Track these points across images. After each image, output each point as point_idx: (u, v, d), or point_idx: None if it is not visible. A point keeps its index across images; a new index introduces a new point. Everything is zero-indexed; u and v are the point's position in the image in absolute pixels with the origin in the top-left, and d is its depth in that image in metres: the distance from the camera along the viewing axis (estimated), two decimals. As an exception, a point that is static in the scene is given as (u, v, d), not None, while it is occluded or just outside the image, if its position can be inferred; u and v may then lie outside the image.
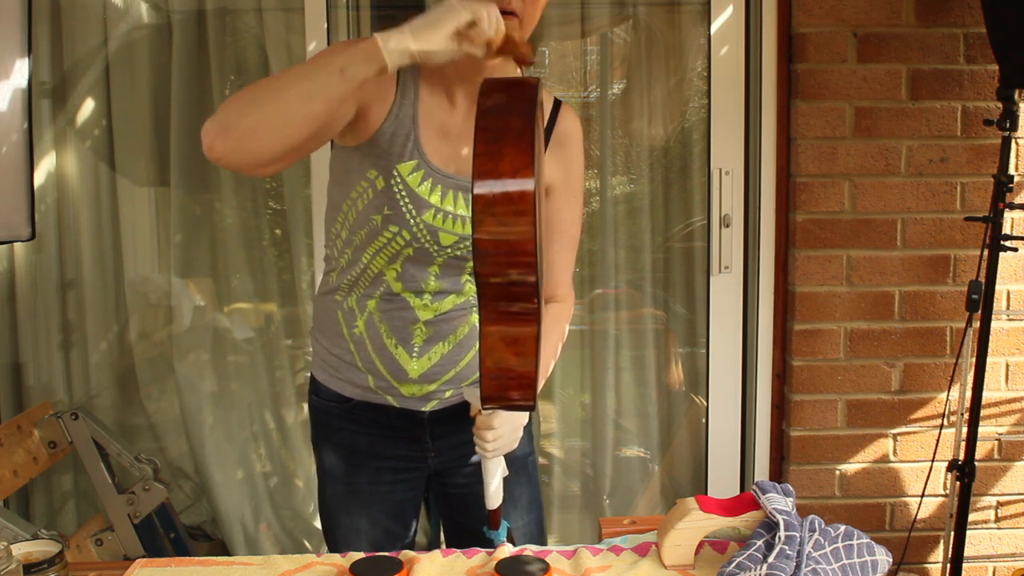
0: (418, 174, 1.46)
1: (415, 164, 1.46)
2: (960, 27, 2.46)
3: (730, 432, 2.71)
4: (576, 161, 1.60)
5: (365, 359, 1.57)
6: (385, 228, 1.47)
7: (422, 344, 1.55)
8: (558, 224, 1.60)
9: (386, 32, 1.26)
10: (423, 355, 1.56)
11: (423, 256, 1.50)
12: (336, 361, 1.60)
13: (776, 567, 1.23)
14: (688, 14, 2.77)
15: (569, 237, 1.62)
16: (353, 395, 1.60)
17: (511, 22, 1.33)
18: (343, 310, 1.58)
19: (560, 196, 1.58)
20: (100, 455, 2.53)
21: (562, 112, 1.58)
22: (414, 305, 1.53)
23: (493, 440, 1.40)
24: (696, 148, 2.80)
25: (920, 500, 2.59)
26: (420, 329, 1.54)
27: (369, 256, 1.52)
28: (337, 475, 1.65)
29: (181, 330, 2.90)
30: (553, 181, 1.57)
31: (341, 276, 1.57)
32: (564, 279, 1.64)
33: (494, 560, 1.33)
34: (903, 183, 2.51)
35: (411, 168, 1.45)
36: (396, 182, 1.45)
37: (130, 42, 2.80)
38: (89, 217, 2.84)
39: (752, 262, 2.65)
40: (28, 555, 1.22)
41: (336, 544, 1.68)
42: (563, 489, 2.98)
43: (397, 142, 1.45)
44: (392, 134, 1.45)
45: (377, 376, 1.57)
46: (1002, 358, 2.57)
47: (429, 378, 1.57)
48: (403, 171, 1.45)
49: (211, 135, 1.23)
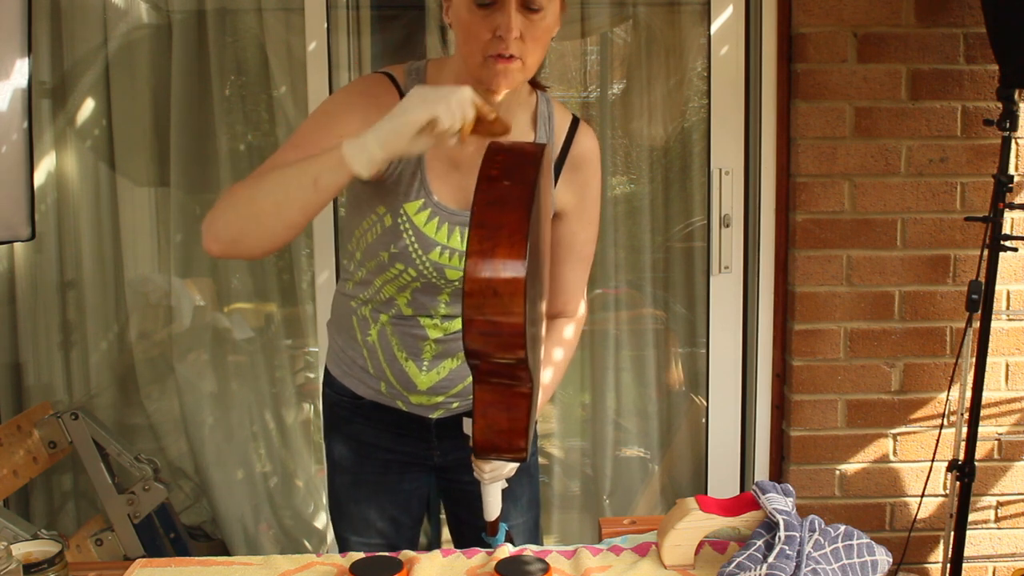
0: (424, 213, 1.45)
1: (422, 203, 1.45)
2: (960, 27, 2.46)
3: (730, 432, 2.71)
4: (591, 184, 1.58)
5: (376, 367, 1.59)
6: (392, 264, 1.48)
7: (431, 359, 1.56)
8: (571, 245, 1.59)
9: (353, 141, 1.24)
10: (432, 369, 1.57)
11: (431, 288, 1.51)
12: (350, 361, 1.63)
13: (776, 567, 1.23)
14: (688, 14, 2.77)
15: (581, 257, 1.62)
16: (365, 395, 1.63)
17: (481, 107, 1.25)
18: (358, 316, 1.59)
19: (573, 218, 1.57)
20: (100, 455, 2.53)
21: (579, 134, 1.55)
22: (425, 325, 1.54)
23: (491, 470, 1.47)
24: (696, 148, 2.80)
25: (920, 500, 2.59)
26: (430, 346, 1.55)
27: (379, 284, 1.53)
28: (346, 466, 1.69)
29: (181, 330, 2.90)
30: (566, 205, 1.55)
31: (356, 288, 1.59)
32: (576, 296, 1.64)
33: (494, 560, 1.33)
34: (903, 183, 2.51)
35: (418, 207, 1.45)
36: (403, 220, 1.45)
37: (130, 42, 2.80)
38: (89, 217, 2.84)
39: (752, 262, 2.65)
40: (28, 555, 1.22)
41: (344, 534, 1.71)
42: (563, 489, 2.98)
43: (404, 181, 1.45)
44: (399, 175, 1.45)
45: (387, 384, 1.60)
46: (1002, 358, 2.57)
47: (437, 391, 1.59)
48: (410, 210, 1.45)
49: (206, 239, 1.30)
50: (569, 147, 1.54)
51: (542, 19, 1.34)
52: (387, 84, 1.46)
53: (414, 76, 1.48)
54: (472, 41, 1.33)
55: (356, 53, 2.71)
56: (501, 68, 1.32)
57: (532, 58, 1.35)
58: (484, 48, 1.32)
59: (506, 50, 1.31)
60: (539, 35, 1.34)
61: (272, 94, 2.80)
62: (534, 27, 1.33)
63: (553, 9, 1.36)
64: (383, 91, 1.45)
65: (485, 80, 1.35)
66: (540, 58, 1.39)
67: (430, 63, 1.50)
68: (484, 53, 1.32)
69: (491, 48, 1.31)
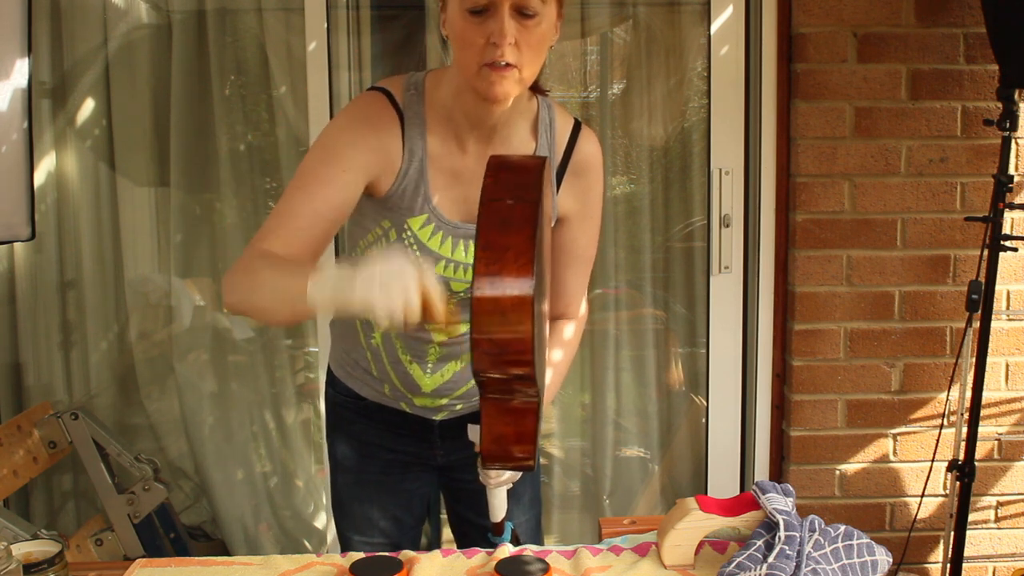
0: (428, 227, 1.46)
1: (426, 218, 1.46)
2: (960, 27, 2.46)
3: (730, 432, 2.71)
4: (593, 189, 1.57)
5: (380, 370, 1.60)
6: None
7: (435, 362, 1.57)
8: (573, 250, 1.59)
9: (317, 284, 1.19)
10: (436, 372, 1.58)
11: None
12: (353, 363, 1.64)
13: (776, 567, 1.23)
14: (688, 14, 2.77)
15: (584, 260, 1.62)
16: (368, 396, 1.64)
17: (429, 295, 1.14)
18: (361, 320, 1.59)
19: (575, 223, 1.57)
20: (100, 455, 2.53)
21: (581, 138, 1.54)
22: (429, 329, 1.54)
23: (496, 477, 1.46)
24: (696, 148, 2.79)
25: (920, 500, 2.59)
26: (434, 349, 1.56)
27: None
28: (349, 465, 1.70)
29: (181, 330, 2.90)
30: (568, 211, 1.55)
31: None
32: (577, 298, 1.64)
33: (494, 560, 1.34)
34: (903, 183, 2.51)
35: (422, 222, 1.46)
36: (407, 235, 1.46)
37: (130, 42, 2.79)
38: (89, 217, 2.84)
39: (752, 262, 2.65)
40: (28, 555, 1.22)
41: (347, 533, 1.72)
42: (563, 489, 2.98)
43: (407, 197, 1.45)
44: (403, 192, 1.45)
45: (391, 386, 1.60)
46: (1002, 358, 2.57)
47: (441, 393, 1.60)
48: (414, 225, 1.46)
49: (224, 300, 1.35)
50: (571, 153, 1.53)
51: (537, 25, 1.32)
52: (384, 104, 1.45)
53: (412, 91, 1.46)
54: (467, 49, 1.32)
55: (356, 53, 2.71)
56: (496, 77, 1.31)
57: (529, 68, 1.34)
58: (479, 56, 1.31)
59: (501, 57, 1.30)
60: (534, 42, 1.33)
61: (272, 94, 2.80)
62: (529, 33, 1.32)
63: (549, 15, 1.35)
64: (381, 113, 1.44)
65: (481, 90, 1.34)
66: (537, 68, 1.37)
67: (428, 76, 1.49)
68: (479, 62, 1.31)
69: (486, 56, 1.30)
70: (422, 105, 1.46)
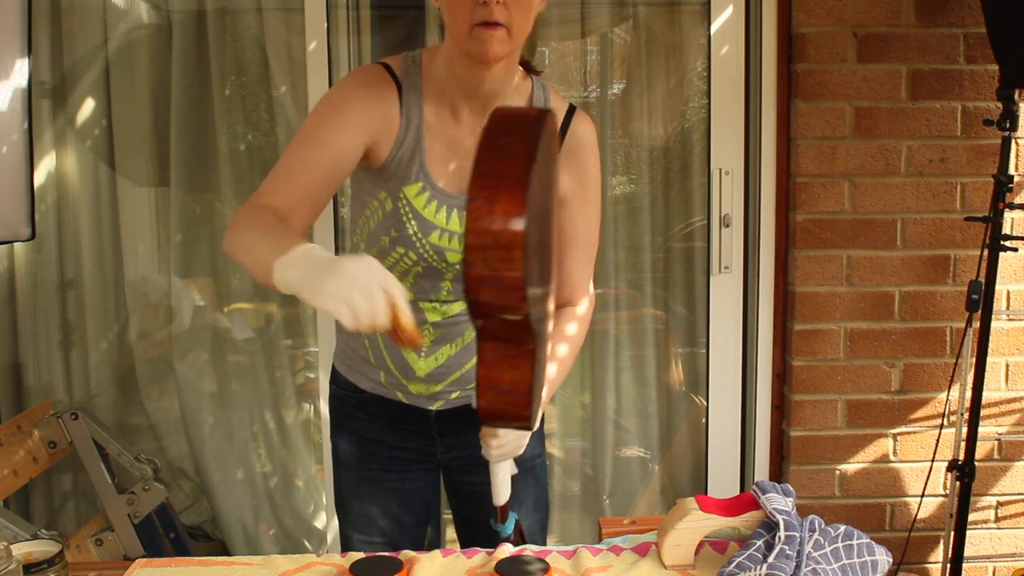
0: (424, 196, 1.48)
1: (421, 186, 1.48)
2: (960, 27, 2.46)
3: (730, 432, 2.71)
4: (590, 170, 1.58)
5: (376, 355, 1.62)
6: (393, 249, 1.50)
7: (430, 345, 1.58)
8: (572, 233, 1.59)
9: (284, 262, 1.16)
10: (430, 355, 1.59)
11: (433, 272, 1.53)
12: (352, 354, 1.67)
13: (776, 567, 1.23)
14: (688, 14, 2.77)
15: (584, 245, 1.62)
16: (367, 387, 1.66)
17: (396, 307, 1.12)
18: None
19: (575, 204, 1.57)
20: (100, 455, 2.53)
21: (575, 121, 1.56)
22: (424, 308, 1.56)
23: (498, 447, 1.45)
24: (696, 148, 2.80)
25: (920, 500, 2.59)
26: (428, 330, 1.57)
27: None
28: (350, 463, 1.71)
29: (181, 330, 2.90)
30: (566, 192, 1.56)
31: None
32: (580, 285, 1.64)
33: (494, 560, 1.34)
34: (903, 183, 2.51)
35: (417, 190, 1.48)
36: (403, 204, 1.48)
37: (130, 42, 2.80)
38: (89, 217, 2.84)
39: (752, 262, 2.65)
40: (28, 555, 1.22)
41: (347, 532, 1.73)
42: (563, 489, 2.98)
43: (403, 165, 1.48)
44: (399, 159, 1.47)
45: (387, 372, 1.62)
46: (1002, 358, 2.57)
47: (435, 378, 1.61)
48: (409, 193, 1.48)
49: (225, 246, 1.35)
50: (565, 134, 1.55)
51: None
52: (384, 75, 1.49)
53: (410, 64, 1.50)
54: (457, 12, 1.35)
55: (356, 53, 2.71)
56: (487, 35, 1.33)
57: (518, 28, 1.37)
58: (469, 16, 1.33)
59: (491, 16, 1.32)
60: (523, 2, 1.36)
61: (272, 94, 2.80)
62: None
63: None
64: (382, 82, 1.48)
65: (474, 52, 1.36)
66: (526, 29, 1.40)
67: (425, 51, 1.52)
68: (470, 22, 1.34)
69: (476, 15, 1.33)
70: (419, 76, 1.49)
